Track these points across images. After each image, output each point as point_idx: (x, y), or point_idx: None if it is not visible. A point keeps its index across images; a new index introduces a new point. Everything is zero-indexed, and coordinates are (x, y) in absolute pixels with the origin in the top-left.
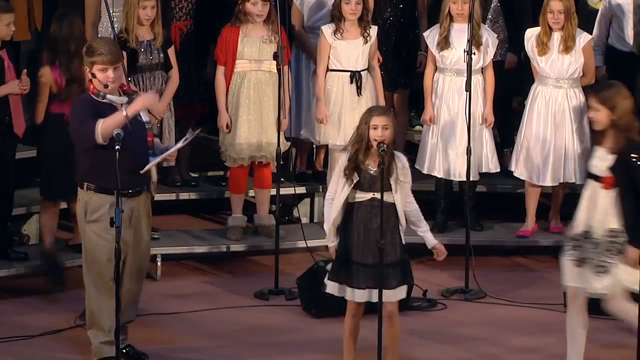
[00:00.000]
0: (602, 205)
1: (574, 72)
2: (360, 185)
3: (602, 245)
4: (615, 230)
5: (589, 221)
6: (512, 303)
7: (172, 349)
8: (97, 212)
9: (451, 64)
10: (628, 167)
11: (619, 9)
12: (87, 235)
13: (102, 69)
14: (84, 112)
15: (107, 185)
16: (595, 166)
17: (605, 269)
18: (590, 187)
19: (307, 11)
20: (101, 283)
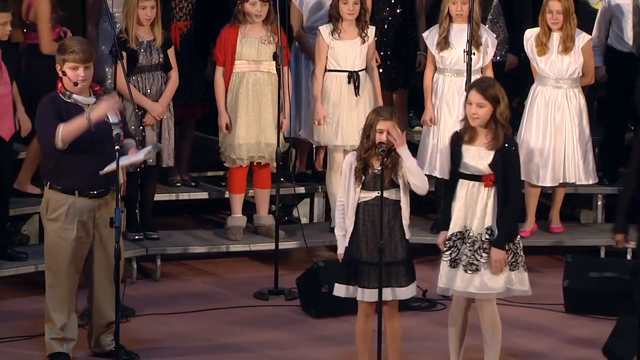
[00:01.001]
0: (481, 203)
1: (574, 72)
2: (366, 185)
3: (477, 243)
4: (492, 228)
5: (464, 221)
6: (512, 303)
7: (171, 348)
8: (57, 211)
9: (451, 64)
10: (508, 160)
11: (619, 10)
12: (47, 233)
13: (73, 67)
14: (47, 114)
15: (68, 186)
16: (470, 166)
17: (476, 267)
18: (464, 188)
19: (306, 12)
20: (57, 280)
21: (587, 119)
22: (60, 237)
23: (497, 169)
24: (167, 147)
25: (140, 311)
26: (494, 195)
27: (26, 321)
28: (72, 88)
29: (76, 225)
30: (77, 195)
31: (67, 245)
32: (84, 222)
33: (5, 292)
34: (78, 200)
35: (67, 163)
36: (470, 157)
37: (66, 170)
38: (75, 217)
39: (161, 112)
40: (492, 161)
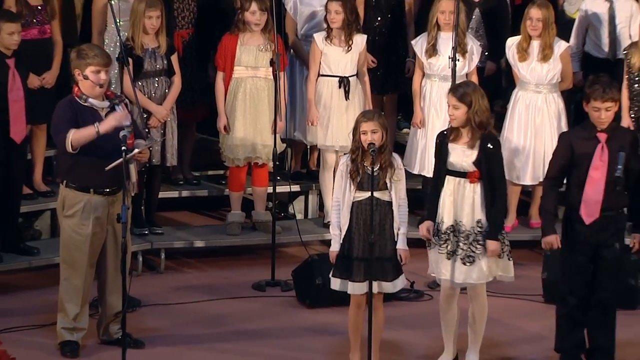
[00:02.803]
0: (469, 199)
1: (553, 78)
2: (360, 185)
3: (472, 236)
4: (482, 221)
5: (456, 216)
6: (494, 294)
7: (175, 336)
8: (73, 208)
9: (438, 70)
10: (490, 157)
11: (596, 19)
12: (63, 228)
13: (96, 71)
14: (62, 117)
15: (83, 184)
16: (456, 163)
17: (473, 258)
18: (452, 184)
19: (300, 21)
20: (72, 273)
21: (566, 121)
22: (76, 232)
23: (481, 165)
24: (171, 147)
25: (145, 302)
26: (479, 190)
27: (38, 311)
28: (90, 92)
29: (91, 221)
30: (92, 193)
31: (82, 240)
32: (99, 218)
33: (18, 284)
34: (93, 198)
35: (82, 163)
36: (455, 155)
37: (82, 169)
38: (90, 213)
39: (165, 114)
40: (476, 158)
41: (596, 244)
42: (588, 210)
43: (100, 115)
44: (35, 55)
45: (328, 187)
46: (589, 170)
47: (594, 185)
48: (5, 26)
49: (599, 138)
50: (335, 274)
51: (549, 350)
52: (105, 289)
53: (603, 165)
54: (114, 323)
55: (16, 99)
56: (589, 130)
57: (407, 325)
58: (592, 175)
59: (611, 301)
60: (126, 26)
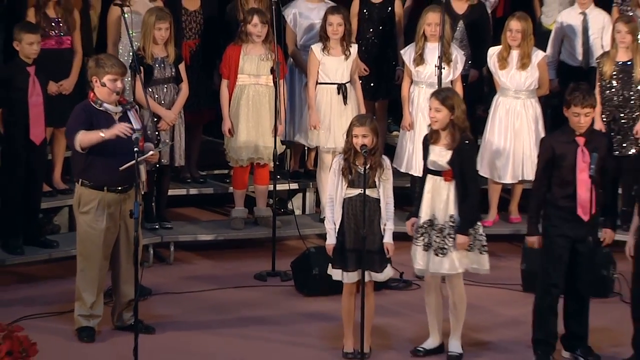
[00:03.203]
0: (444, 195)
1: (531, 84)
2: (351, 183)
3: (445, 230)
4: (454, 216)
5: (432, 211)
6: (478, 283)
7: (184, 323)
8: (88, 205)
9: (425, 77)
10: (464, 157)
11: (570, 30)
12: (79, 224)
13: (113, 79)
14: (75, 120)
15: (97, 183)
16: (434, 163)
17: (445, 251)
18: (430, 182)
19: (299, 32)
20: (88, 264)
21: (543, 124)
22: (91, 227)
23: (455, 165)
24: (179, 148)
25: (156, 290)
26: (454, 188)
27: (57, 300)
28: (106, 98)
29: (105, 217)
30: (106, 191)
31: (97, 235)
32: (112, 214)
33: (38, 274)
34: (107, 196)
35: (96, 164)
36: (434, 155)
37: (96, 169)
38: (104, 210)
39: (173, 118)
40: (450, 159)
41: (573, 239)
42: (584, 209)
43: (113, 119)
44: (53, 64)
45: (324, 185)
46: (577, 173)
47: (584, 186)
48: (25, 37)
49: (578, 142)
50: (334, 265)
51: (527, 335)
52: (118, 279)
53: (586, 167)
54: (126, 310)
55: (35, 104)
56: (567, 135)
57: (396, 312)
58: (580, 178)
59: (586, 291)
60: (138, 37)
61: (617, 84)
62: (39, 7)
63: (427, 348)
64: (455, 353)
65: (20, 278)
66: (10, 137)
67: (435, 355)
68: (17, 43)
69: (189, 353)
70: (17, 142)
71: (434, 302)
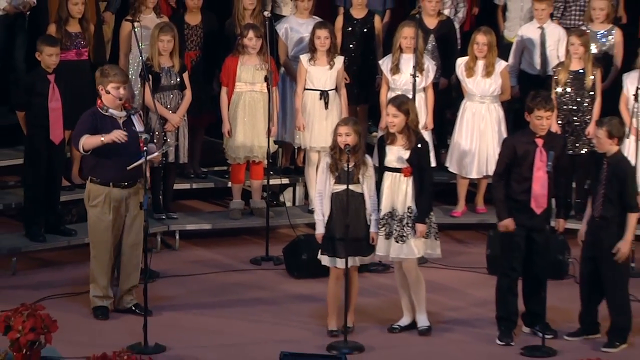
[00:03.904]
0: (403, 189)
1: (494, 91)
2: (337, 179)
3: (404, 220)
4: (412, 207)
5: (393, 204)
6: (447, 267)
7: (188, 304)
8: (96, 199)
9: (401, 85)
10: (420, 155)
11: (530, 42)
12: (89, 216)
13: (116, 87)
14: (82, 125)
15: (104, 179)
16: (392, 161)
17: (404, 238)
18: (389, 179)
19: (290, 45)
20: (99, 252)
21: (505, 126)
22: (99, 219)
23: (413, 163)
24: (183, 147)
25: (163, 274)
26: (411, 182)
27: (75, 282)
28: (111, 104)
29: (111, 210)
30: (112, 187)
31: (104, 225)
32: (117, 208)
33: (58, 260)
34: (113, 191)
35: (103, 163)
36: (392, 155)
37: (103, 168)
38: (110, 203)
39: (178, 121)
40: (409, 157)
41: (529, 228)
42: (537, 203)
43: (118, 123)
44: (73, 74)
45: (312, 180)
46: (534, 171)
47: (539, 182)
48: (46, 49)
49: (537, 143)
50: (323, 252)
51: (492, 313)
52: (122, 267)
53: (543, 165)
54: (127, 294)
55: (55, 108)
56: (528, 136)
57: (375, 293)
58: (537, 175)
59: (543, 274)
60: (147, 49)
61: (570, 90)
62: (61, 23)
63: (402, 325)
64: (424, 326)
65: (42, 263)
66: (32, 138)
67: (409, 332)
68: (39, 54)
69: (192, 329)
70: (39, 141)
71: (403, 284)
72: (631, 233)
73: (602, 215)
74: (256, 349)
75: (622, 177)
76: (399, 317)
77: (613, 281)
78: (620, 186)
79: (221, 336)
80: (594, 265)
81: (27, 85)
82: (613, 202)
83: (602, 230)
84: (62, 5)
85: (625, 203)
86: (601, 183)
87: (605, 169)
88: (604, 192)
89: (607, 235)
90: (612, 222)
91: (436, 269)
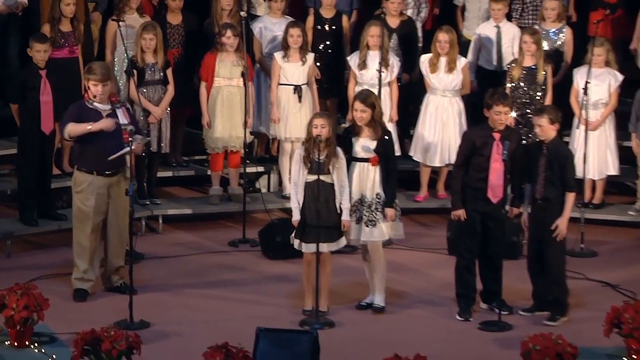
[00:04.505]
0: (371, 177)
1: (455, 85)
2: (310, 170)
3: (373, 205)
4: (380, 193)
5: (361, 191)
6: (411, 248)
7: (170, 285)
8: (81, 185)
9: (368, 79)
10: (386, 146)
11: (487, 40)
12: (74, 202)
13: (94, 84)
14: (68, 115)
15: (88, 168)
16: (359, 152)
17: (374, 222)
18: (357, 168)
19: (264, 43)
20: (81, 236)
21: (465, 118)
22: (82, 204)
23: (380, 152)
24: (165, 138)
25: (147, 255)
26: (378, 171)
27: (65, 263)
28: (93, 98)
29: (94, 196)
30: (96, 174)
31: (87, 211)
32: (101, 195)
33: (50, 243)
34: (96, 179)
35: (88, 152)
36: (359, 146)
37: (87, 157)
38: (94, 190)
39: (160, 113)
40: (376, 147)
41: (485, 213)
42: (494, 192)
43: (102, 116)
44: (66, 70)
45: (285, 168)
46: (491, 162)
47: (495, 174)
48: (36, 45)
49: (494, 137)
50: (295, 236)
51: (452, 291)
52: (109, 249)
53: (499, 158)
54: (115, 275)
55: (46, 101)
56: (486, 130)
57: (344, 274)
58: (493, 167)
59: (498, 255)
60: (131, 46)
61: (524, 84)
62: (54, 23)
63: (368, 302)
64: (379, 306)
65: (34, 245)
66: (25, 129)
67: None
68: (30, 50)
69: (174, 307)
70: (31, 132)
71: (368, 265)
72: (569, 211)
73: (544, 197)
74: (234, 325)
75: (562, 160)
76: (366, 296)
77: (554, 258)
78: (561, 168)
79: (201, 313)
80: (539, 245)
81: (21, 80)
82: (555, 184)
83: (545, 211)
84: (54, 6)
85: (565, 184)
86: (542, 167)
87: (545, 154)
88: (545, 175)
89: (550, 215)
90: (554, 203)
91: (401, 251)
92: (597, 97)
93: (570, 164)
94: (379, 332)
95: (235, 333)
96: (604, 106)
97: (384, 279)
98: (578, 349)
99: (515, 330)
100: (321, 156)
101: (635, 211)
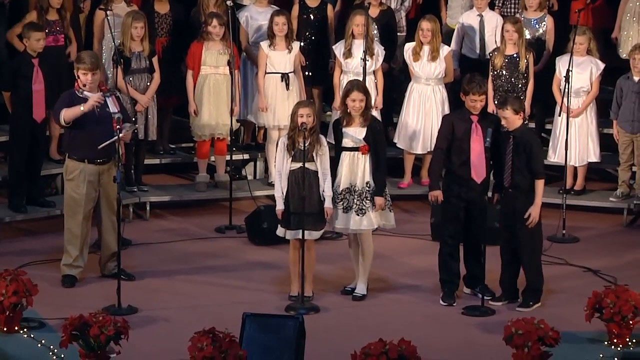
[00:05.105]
0: (361, 166)
1: (439, 74)
2: (294, 158)
3: (363, 194)
4: (370, 182)
5: (351, 180)
6: (395, 234)
7: (158, 271)
8: (72, 173)
9: (353, 68)
10: (376, 134)
11: (470, 29)
12: (65, 189)
13: (83, 73)
14: (61, 103)
15: (79, 156)
16: (349, 142)
17: (364, 211)
18: (347, 157)
19: (251, 32)
20: (73, 223)
21: (448, 106)
22: (74, 192)
23: (369, 141)
24: (152, 125)
25: (135, 242)
26: (368, 159)
27: (54, 250)
28: (83, 87)
29: (85, 184)
30: (87, 163)
31: (79, 198)
32: (92, 182)
33: (39, 229)
34: (87, 167)
35: (79, 140)
36: (349, 136)
37: (79, 144)
38: (85, 178)
39: (147, 101)
40: (365, 136)
41: (466, 199)
42: (477, 173)
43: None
44: (53, 58)
45: (271, 156)
46: (470, 143)
47: (475, 153)
48: (34, 34)
49: (472, 120)
50: (282, 226)
51: (437, 276)
52: (102, 234)
53: (479, 139)
54: (110, 261)
55: (38, 89)
56: (464, 114)
57: (329, 260)
58: (473, 148)
59: (481, 241)
60: (118, 35)
61: (506, 72)
62: (42, 12)
63: (353, 287)
64: (359, 294)
65: (23, 232)
66: (17, 116)
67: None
68: (26, 40)
69: (162, 292)
70: (22, 120)
71: (355, 252)
72: (540, 198)
73: (513, 185)
74: (221, 310)
75: (529, 146)
76: (351, 281)
77: (528, 245)
78: (528, 155)
79: (188, 298)
80: (511, 233)
81: (13, 68)
82: (522, 171)
83: (516, 199)
84: None
85: (533, 170)
86: (508, 155)
87: (512, 142)
88: (512, 163)
89: (520, 203)
90: (523, 191)
91: (386, 237)
92: (578, 85)
93: (536, 150)
94: (364, 317)
95: (222, 318)
96: (585, 94)
97: (369, 268)
98: (560, 333)
99: (497, 315)
100: (306, 144)
101: (616, 197)
